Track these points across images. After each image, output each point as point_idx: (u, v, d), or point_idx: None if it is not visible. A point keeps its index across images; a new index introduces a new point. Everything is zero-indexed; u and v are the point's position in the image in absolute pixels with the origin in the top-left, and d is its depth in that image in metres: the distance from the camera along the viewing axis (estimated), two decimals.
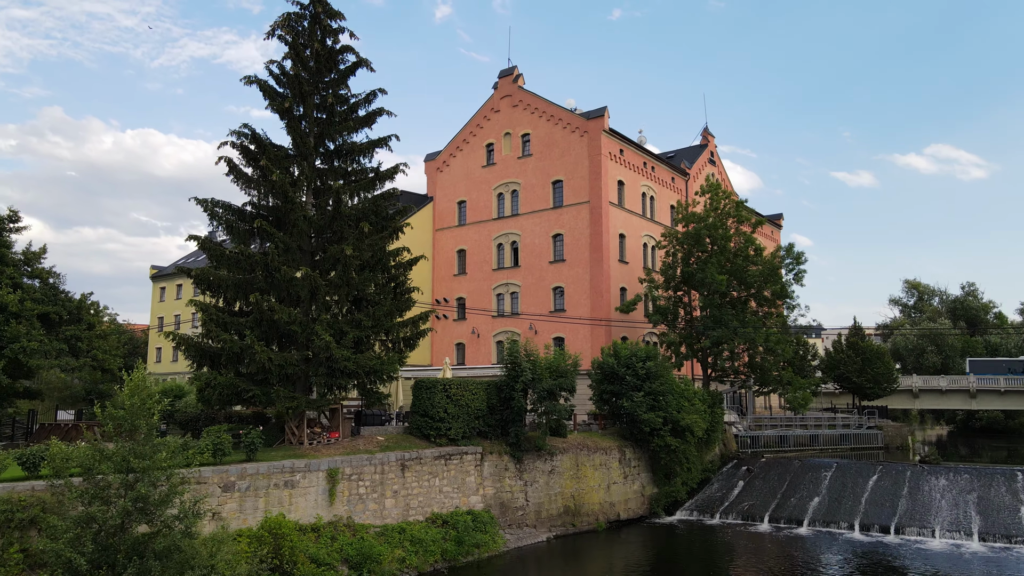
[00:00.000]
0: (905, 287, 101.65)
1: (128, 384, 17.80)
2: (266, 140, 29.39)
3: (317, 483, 24.72)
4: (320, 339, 25.38)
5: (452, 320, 55.49)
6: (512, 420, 31.64)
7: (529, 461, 32.08)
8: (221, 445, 23.15)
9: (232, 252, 26.96)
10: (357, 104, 31.24)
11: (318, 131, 30.05)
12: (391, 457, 27.24)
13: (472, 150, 56.66)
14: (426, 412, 29.94)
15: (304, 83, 29.62)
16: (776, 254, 44.82)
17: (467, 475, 29.91)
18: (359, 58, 31.10)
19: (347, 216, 28.36)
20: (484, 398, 31.36)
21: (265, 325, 26.75)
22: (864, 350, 58.75)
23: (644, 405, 35.93)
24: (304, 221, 28.19)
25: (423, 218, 57.52)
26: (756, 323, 42.89)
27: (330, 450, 26.73)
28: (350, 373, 26.81)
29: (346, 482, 25.57)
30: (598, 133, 49.65)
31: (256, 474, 23.15)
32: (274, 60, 29.22)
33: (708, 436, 41.29)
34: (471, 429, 30.80)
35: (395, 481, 27.18)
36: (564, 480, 33.19)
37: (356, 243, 27.87)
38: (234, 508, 22.47)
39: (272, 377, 25.93)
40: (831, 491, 37.56)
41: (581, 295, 49.09)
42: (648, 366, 36.64)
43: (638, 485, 36.91)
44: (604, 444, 35.85)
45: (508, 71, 55.20)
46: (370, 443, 28.38)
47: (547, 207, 51.67)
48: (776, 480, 40.14)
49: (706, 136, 65.20)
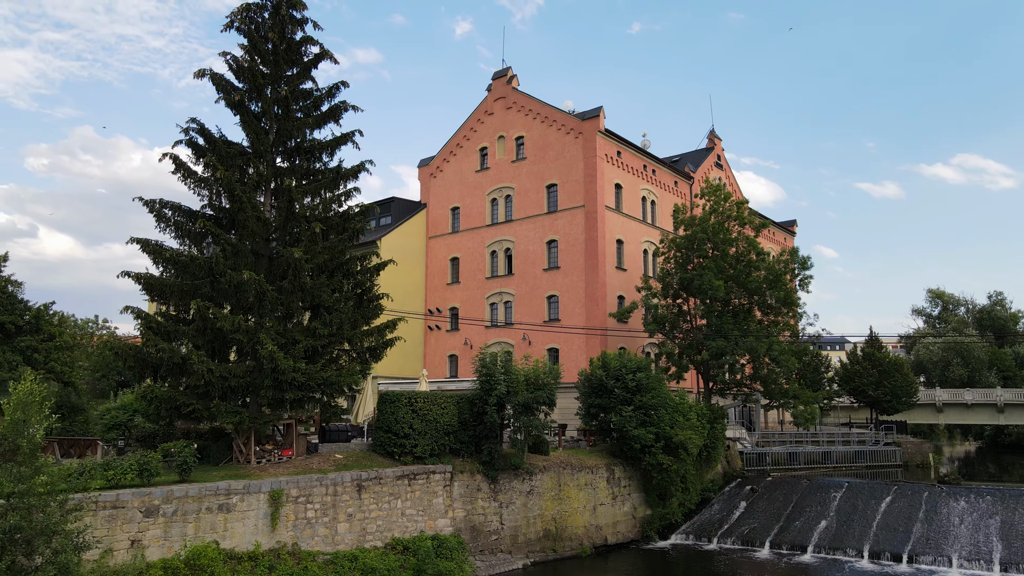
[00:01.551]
0: (928, 297, 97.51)
1: (14, 395, 15.82)
2: (219, 137, 27.56)
3: (257, 506, 22.53)
4: (264, 348, 23.31)
5: (445, 331, 53.32)
6: (486, 436, 29.30)
7: (505, 481, 29.67)
8: (147, 465, 21.11)
9: (173, 255, 25.01)
10: (319, 99, 29.40)
11: (276, 127, 28.17)
12: (345, 477, 24.99)
13: (465, 155, 54.64)
14: (390, 428, 27.71)
15: (259, 76, 27.79)
16: (780, 258, 42.02)
17: (434, 496, 27.57)
18: (322, 50, 29.28)
19: (300, 217, 26.36)
20: (455, 413, 29.06)
21: (210, 334, 24.75)
22: (881, 361, 55.46)
23: (634, 420, 33.38)
24: (257, 223, 26.26)
25: (416, 225, 55.58)
26: (760, 333, 40.15)
27: (278, 469, 24.58)
28: (300, 386, 24.66)
29: (292, 505, 23.36)
30: (593, 134, 47.37)
31: (185, 496, 21.02)
32: (227, 52, 27.42)
33: (708, 453, 38.59)
34: (441, 446, 28.48)
35: (350, 503, 24.92)
36: (544, 501, 30.70)
37: (309, 246, 25.84)
38: (157, 535, 20.35)
39: (214, 390, 23.88)
40: (840, 513, 34.64)
41: (576, 304, 46.68)
42: (639, 377, 34.11)
43: (628, 506, 34.26)
44: (590, 462, 33.30)
45: (502, 72, 53.19)
46: (326, 462, 26.18)
47: (541, 212, 49.41)
48: (781, 501, 37.27)
49: (712, 139, 62.59)
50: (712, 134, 62.43)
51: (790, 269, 41.23)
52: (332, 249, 27.23)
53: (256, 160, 27.43)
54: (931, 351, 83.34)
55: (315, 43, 29.25)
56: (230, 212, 26.67)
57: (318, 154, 29.14)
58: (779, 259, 41.70)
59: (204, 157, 26.73)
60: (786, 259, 41.47)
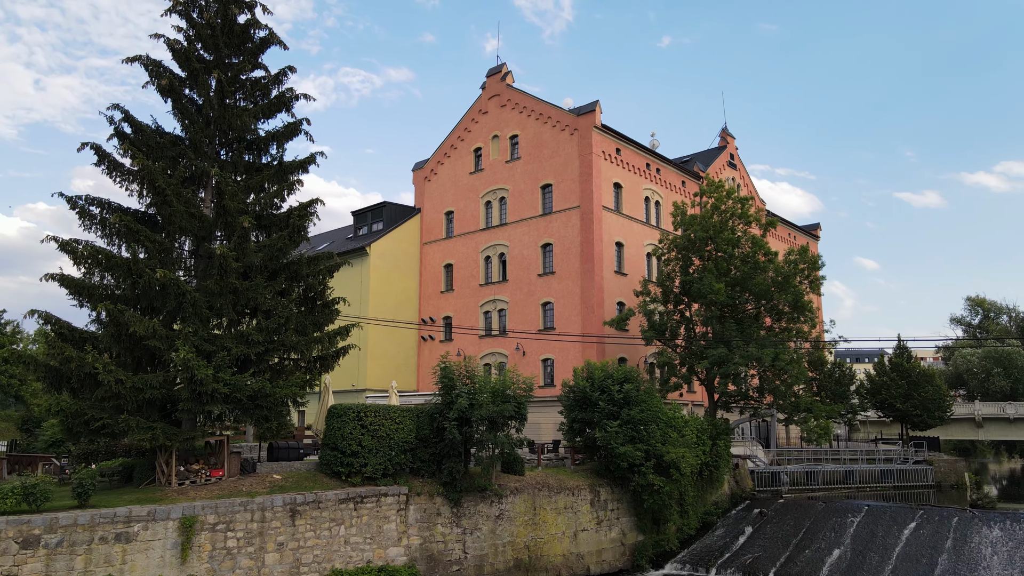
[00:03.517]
0: (968, 305, 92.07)
1: None
2: (153, 127, 25.30)
3: (164, 535, 19.88)
4: (177, 355, 20.77)
5: (439, 341, 50.58)
6: (447, 454, 26.36)
7: (470, 504, 26.65)
8: (34, 488, 18.64)
9: (91, 253, 22.67)
10: (265, 86, 27.06)
11: (215, 117, 25.82)
12: (276, 501, 22.24)
13: (459, 156, 52.08)
14: (336, 445, 24.94)
15: (196, 60, 25.51)
16: (788, 258, 38.40)
17: (386, 522, 24.68)
18: (270, 33, 26.96)
19: (234, 212, 23.86)
20: (413, 428, 26.19)
21: (127, 341, 22.34)
22: (909, 372, 51.11)
23: (621, 436, 30.15)
24: (189, 219, 23.86)
25: (410, 231, 53.10)
26: (769, 339, 36.57)
27: (200, 492, 21.94)
28: (225, 398, 22.03)
29: (208, 533, 20.66)
30: (588, 129, 44.41)
31: (73, 525, 18.45)
32: (160, 34, 25.17)
33: (710, 473, 35.10)
34: (396, 465, 25.60)
35: (281, 531, 22.15)
36: (516, 527, 27.58)
37: (239, 243, 23.32)
38: (37, 569, 17.80)
39: (126, 403, 21.39)
40: (856, 542, 30.90)
41: (571, 311, 43.57)
42: (626, 389, 30.90)
43: (616, 532, 30.94)
44: (571, 483, 30.10)
45: (496, 69, 50.59)
46: (261, 483, 23.49)
47: (536, 214, 46.50)
48: (791, 526, 33.57)
49: (725, 137, 59.12)
50: (724, 132, 58.99)
51: (799, 270, 37.53)
52: (271, 248, 24.69)
53: (191, 152, 25.09)
54: (970, 361, 78.16)
55: (262, 27, 26.98)
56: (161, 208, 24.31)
57: (264, 147, 26.80)
58: (787, 259, 38.09)
59: (137, 149, 24.44)
60: (795, 259, 37.82)
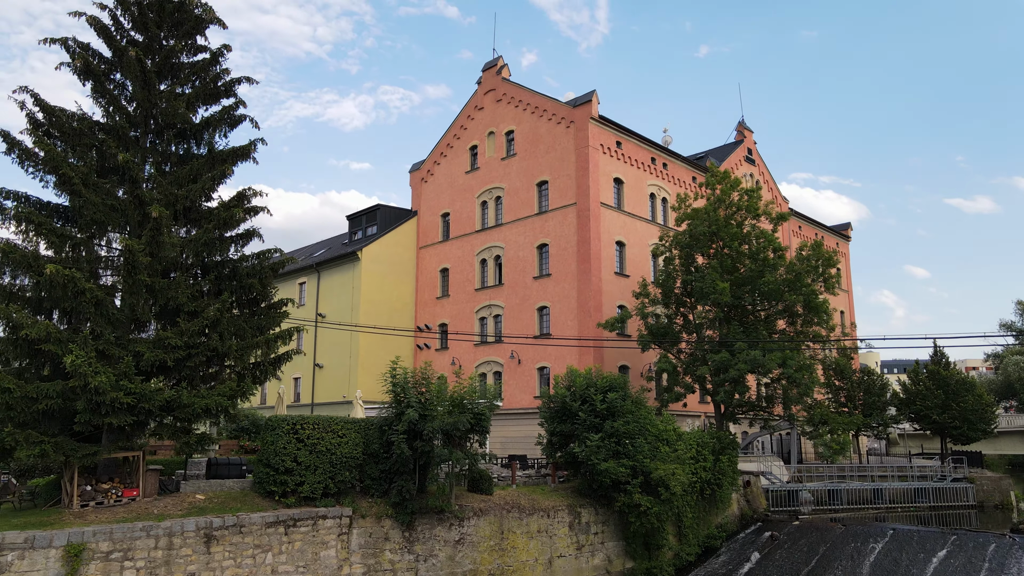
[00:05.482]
0: (1018, 309, 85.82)
1: None
2: (77, 113, 23.20)
3: (45, 565, 17.44)
4: (68, 360, 18.41)
5: (434, 350, 47.93)
6: (398, 472, 23.56)
7: (425, 528, 23.76)
8: None
9: None
10: (203, 68, 24.80)
11: (142, 100, 23.61)
12: (188, 525, 19.67)
13: (456, 155, 49.56)
14: (268, 461, 22.33)
15: (121, 40, 23.40)
16: (800, 254, 34.75)
17: (324, 548, 21.93)
18: (206, 11, 24.72)
19: (144, 203, 21.56)
20: (359, 442, 23.46)
21: (23, 345, 20.09)
22: (947, 380, 46.62)
23: (603, 451, 27.00)
24: (105, 212, 21.65)
25: (406, 235, 50.69)
26: (776, 343, 32.99)
27: (101, 515, 19.50)
28: (130, 409, 19.60)
29: (100, 563, 18.16)
30: (585, 121, 41.45)
31: None
32: (80, 12, 23.09)
33: (713, 491, 31.62)
34: (339, 484, 22.87)
35: (193, 559, 19.56)
36: (479, 553, 24.58)
37: (152, 236, 20.95)
38: None
39: (16, 414, 19.09)
40: (876, 571, 27.16)
41: (568, 315, 40.50)
42: (610, 399, 27.74)
43: (600, 559, 27.68)
44: (547, 503, 26.97)
45: (492, 63, 48.05)
46: (180, 504, 20.98)
47: (532, 213, 43.65)
48: (805, 552, 29.87)
49: (742, 131, 55.49)
50: (741, 126, 55.38)
51: (813, 267, 33.81)
52: (196, 243, 22.32)
53: (112, 140, 22.89)
54: (1021, 368, 72.46)
55: (199, 4, 24.77)
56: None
57: (198, 135, 24.53)
58: (799, 255, 34.44)
59: (50, 135, 22.40)
60: (807, 255, 34.13)
